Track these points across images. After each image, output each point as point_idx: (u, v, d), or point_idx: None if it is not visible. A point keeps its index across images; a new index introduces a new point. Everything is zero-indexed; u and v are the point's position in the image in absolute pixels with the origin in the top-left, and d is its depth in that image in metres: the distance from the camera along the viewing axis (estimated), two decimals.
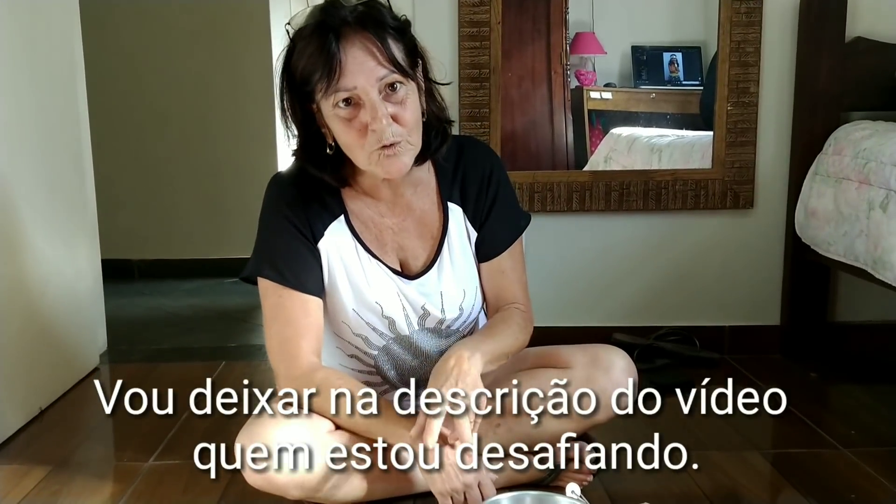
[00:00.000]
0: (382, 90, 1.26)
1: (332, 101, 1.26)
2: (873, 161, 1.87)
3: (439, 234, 1.44)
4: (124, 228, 3.63)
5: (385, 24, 1.27)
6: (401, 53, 1.28)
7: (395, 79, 1.26)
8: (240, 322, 2.94)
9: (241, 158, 3.77)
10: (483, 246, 1.46)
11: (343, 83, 1.24)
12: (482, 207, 1.45)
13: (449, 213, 1.44)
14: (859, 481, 1.54)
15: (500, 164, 1.49)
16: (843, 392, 2.08)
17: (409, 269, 1.43)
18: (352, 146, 1.29)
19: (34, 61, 1.99)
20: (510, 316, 1.44)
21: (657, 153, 2.39)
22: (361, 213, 1.41)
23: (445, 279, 1.43)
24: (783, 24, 2.23)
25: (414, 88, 1.30)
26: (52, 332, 2.04)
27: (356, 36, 1.24)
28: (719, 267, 2.34)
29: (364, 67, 1.24)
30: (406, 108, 1.28)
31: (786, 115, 2.27)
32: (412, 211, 1.43)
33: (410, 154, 1.30)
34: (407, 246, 1.43)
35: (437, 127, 1.38)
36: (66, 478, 1.59)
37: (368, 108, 1.25)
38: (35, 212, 1.97)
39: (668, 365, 2.21)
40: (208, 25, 3.70)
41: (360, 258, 1.39)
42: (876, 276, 1.82)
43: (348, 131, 1.27)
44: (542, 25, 2.32)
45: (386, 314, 1.40)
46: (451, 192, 1.45)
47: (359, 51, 1.24)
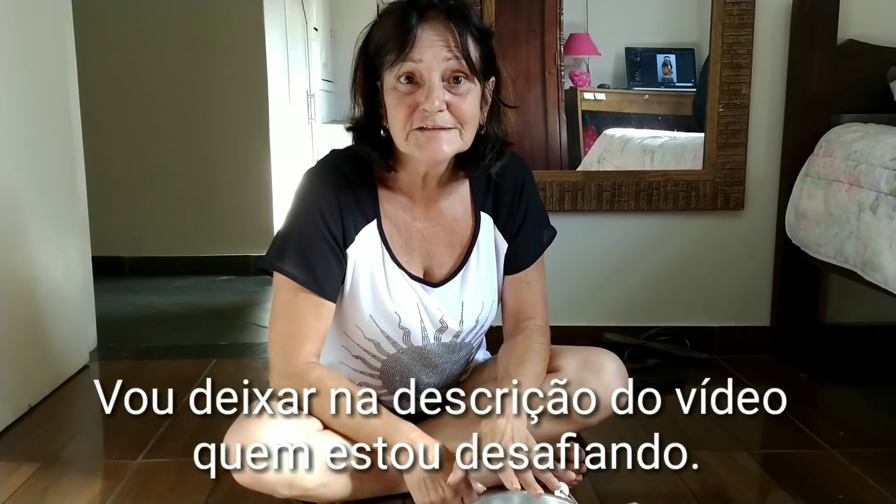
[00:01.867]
0: (446, 77, 1.26)
1: (396, 73, 1.26)
2: (864, 163, 1.88)
3: (468, 243, 1.43)
4: (115, 225, 3.62)
5: (469, 21, 1.28)
6: (476, 53, 1.28)
7: (461, 69, 1.26)
8: (231, 320, 2.93)
9: (233, 156, 3.76)
10: (514, 258, 1.47)
11: (411, 57, 1.24)
12: (514, 219, 1.45)
13: (481, 223, 1.44)
14: (848, 482, 1.54)
15: (531, 175, 1.49)
16: (832, 393, 2.08)
17: (433, 277, 1.42)
18: (397, 122, 1.28)
19: (26, 58, 1.98)
20: (531, 345, 1.43)
21: (650, 154, 2.40)
22: (395, 216, 1.39)
23: (468, 289, 1.42)
24: (775, 26, 2.24)
25: (478, 91, 1.30)
26: (41, 330, 2.03)
27: (438, 20, 1.26)
28: (710, 268, 2.35)
29: (435, 48, 1.25)
30: (464, 102, 1.27)
31: (777, 117, 2.27)
32: (444, 217, 1.42)
33: (453, 146, 1.29)
34: (434, 253, 1.42)
35: (494, 143, 1.37)
36: (55, 475, 1.58)
37: (426, 88, 1.25)
38: (26, 208, 1.96)
39: (658, 365, 2.21)
40: (202, 22, 3.69)
41: (385, 266, 1.38)
42: (865, 278, 1.83)
43: (399, 106, 1.27)
44: (536, 26, 2.33)
45: (403, 325, 1.39)
46: (484, 202, 1.44)
47: (435, 33, 1.25)
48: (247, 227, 3.73)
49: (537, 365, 1.40)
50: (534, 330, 1.46)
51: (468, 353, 1.49)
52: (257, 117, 3.75)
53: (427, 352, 1.43)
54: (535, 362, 1.41)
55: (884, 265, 1.74)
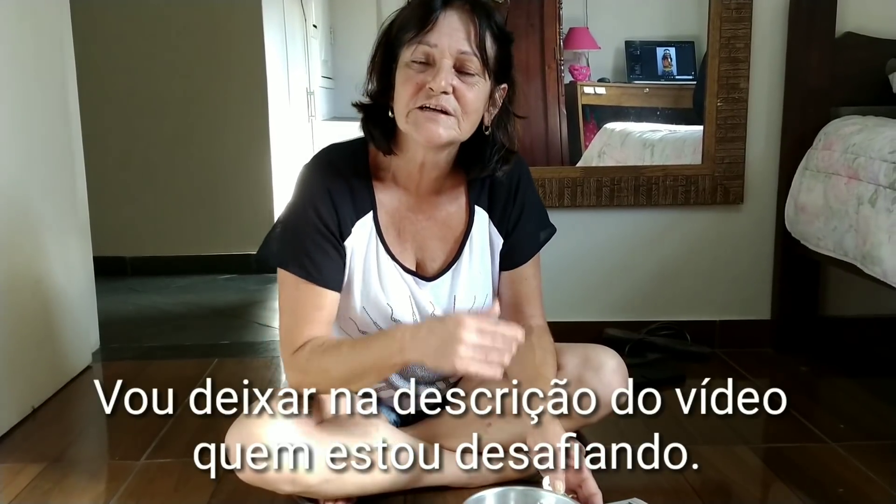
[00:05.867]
0: (458, 66, 1.27)
1: (411, 53, 1.28)
2: (863, 156, 1.88)
3: (461, 237, 1.44)
4: (117, 225, 3.63)
5: (491, 20, 1.30)
6: (492, 51, 1.30)
7: (474, 62, 1.28)
8: (233, 319, 2.94)
9: (234, 155, 3.77)
10: (510, 254, 1.47)
11: (428, 38, 1.26)
12: (509, 215, 1.46)
13: (475, 217, 1.44)
14: (848, 475, 1.54)
15: (528, 171, 1.49)
16: (833, 386, 2.09)
17: (425, 271, 1.42)
18: (401, 98, 1.30)
19: (25, 58, 1.98)
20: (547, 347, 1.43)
21: (649, 148, 2.40)
22: (390, 206, 1.40)
23: (460, 283, 1.43)
24: (773, 19, 2.24)
25: (485, 87, 1.31)
26: (44, 331, 2.04)
27: (462, 10, 1.28)
28: (710, 262, 2.35)
29: (453, 34, 1.27)
30: (470, 90, 1.28)
31: (776, 111, 2.27)
32: (438, 211, 1.43)
33: (450, 133, 1.29)
34: (427, 246, 1.42)
35: (500, 148, 1.38)
36: (59, 476, 1.59)
37: (436, 68, 1.27)
38: (27, 209, 1.97)
39: (659, 359, 2.22)
40: (201, 22, 3.69)
41: (378, 258, 1.39)
42: (865, 271, 1.83)
43: (406, 83, 1.28)
44: (535, 20, 2.33)
45: (395, 317, 1.39)
46: (479, 197, 1.45)
47: (457, 21, 1.28)
48: (248, 225, 3.73)
49: (554, 369, 1.41)
50: (541, 333, 1.45)
51: None
52: (257, 115, 3.75)
53: None
54: (553, 366, 1.41)
55: (883, 258, 1.74)
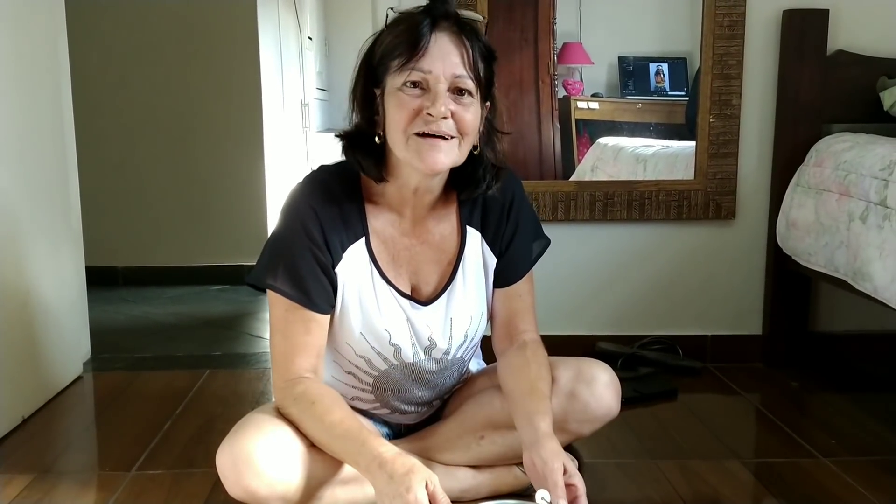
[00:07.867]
0: (452, 89, 1.25)
1: (402, 79, 1.25)
2: (854, 173, 1.89)
3: (454, 259, 1.42)
4: (109, 235, 3.61)
5: (479, 39, 1.29)
6: (483, 71, 1.29)
7: (469, 85, 1.26)
8: (225, 330, 2.93)
9: (227, 165, 3.77)
10: (504, 273, 1.45)
11: (421, 64, 1.23)
12: (503, 234, 1.44)
13: (467, 238, 1.42)
14: (839, 491, 1.55)
15: (522, 189, 1.48)
16: (823, 401, 2.09)
17: (420, 295, 1.40)
18: (397, 126, 1.26)
19: (19, 66, 1.98)
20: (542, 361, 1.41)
21: (642, 163, 2.41)
22: (382, 231, 1.38)
23: (456, 305, 1.41)
24: (765, 36, 2.26)
25: (478, 107, 1.30)
26: (35, 341, 2.03)
27: (450, 32, 1.26)
28: (702, 277, 2.36)
29: (447, 58, 1.24)
30: (467, 112, 1.27)
31: (768, 127, 2.29)
32: (431, 234, 1.41)
33: (451, 157, 1.28)
34: (421, 270, 1.40)
35: (489, 166, 1.37)
36: (49, 487, 1.58)
37: (432, 95, 1.24)
38: (19, 219, 1.96)
39: (651, 373, 2.22)
40: (195, 31, 3.70)
41: (374, 283, 1.36)
42: (856, 287, 1.84)
43: (401, 111, 1.25)
44: (529, 35, 2.34)
45: (393, 342, 1.38)
46: (472, 217, 1.43)
47: (448, 43, 1.25)
48: (241, 237, 3.73)
49: (549, 383, 1.39)
50: (535, 347, 1.44)
51: (460, 366, 1.48)
52: (251, 126, 3.75)
53: (419, 368, 1.42)
54: (548, 380, 1.39)
55: (873, 274, 1.75)
